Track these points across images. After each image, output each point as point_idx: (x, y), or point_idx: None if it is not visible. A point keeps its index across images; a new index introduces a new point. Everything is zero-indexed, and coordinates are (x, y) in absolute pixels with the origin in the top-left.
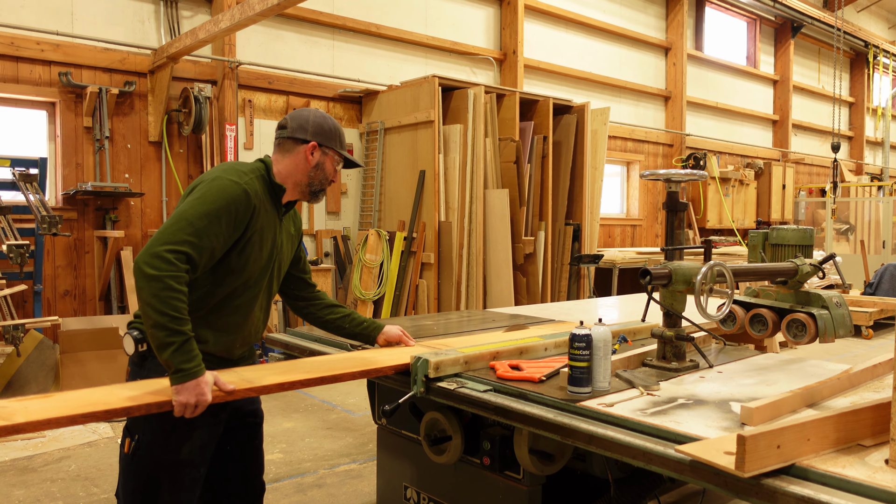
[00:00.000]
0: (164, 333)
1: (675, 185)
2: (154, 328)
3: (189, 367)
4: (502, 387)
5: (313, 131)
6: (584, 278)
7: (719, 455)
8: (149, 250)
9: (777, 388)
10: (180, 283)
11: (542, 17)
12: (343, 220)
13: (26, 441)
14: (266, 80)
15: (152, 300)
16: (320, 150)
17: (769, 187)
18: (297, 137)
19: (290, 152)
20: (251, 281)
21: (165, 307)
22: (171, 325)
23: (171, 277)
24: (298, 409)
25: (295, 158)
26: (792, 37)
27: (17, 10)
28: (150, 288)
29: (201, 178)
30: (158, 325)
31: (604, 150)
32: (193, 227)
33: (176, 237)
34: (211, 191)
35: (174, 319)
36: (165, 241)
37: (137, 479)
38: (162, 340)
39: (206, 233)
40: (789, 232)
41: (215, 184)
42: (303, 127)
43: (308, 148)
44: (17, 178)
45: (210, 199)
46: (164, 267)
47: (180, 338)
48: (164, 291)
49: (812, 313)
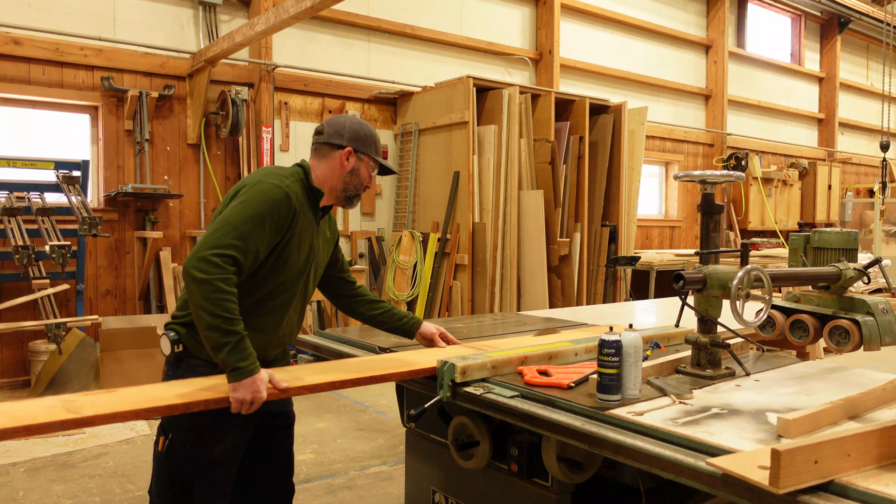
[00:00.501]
0: (218, 335)
1: (710, 186)
2: (208, 330)
3: (244, 365)
4: (529, 393)
5: (349, 137)
6: (620, 281)
7: (753, 469)
8: (196, 255)
9: (817, 399)
10: (229, 284)
11: (579, 16)
12: (378, 221)
13: (67, 437)
14: (302, 83)
15: (204, 303)
16: (356, 155)
17: (814, 188)
18: (334, 143)
19: (326, 157)
20: (288, 283)
21: (217, 309)
22: (225, 326)
23: (221, 280)
24: (331, 410)
25: (331, 164)
26: (839, 33)
27: (61, 17)
28: (201, 292)
29: (243, 183)
30: (212, 326)
31: (641, 150)
32: (239, 232)
33: (222, 241)
34: (254, 195)
35: (227, 320)
36: (212, 246)
37: (171, 477)
38: (217, 341)
39: (251, 236)
40: (832, 235)
41: (258, 188)
42: (339, 133)
43: (344, 153)
44: (61, 181)
45: (254, 204)
46: (212, 270)
47: (234, 338)
48: (214, 294)
49: (856, 320)
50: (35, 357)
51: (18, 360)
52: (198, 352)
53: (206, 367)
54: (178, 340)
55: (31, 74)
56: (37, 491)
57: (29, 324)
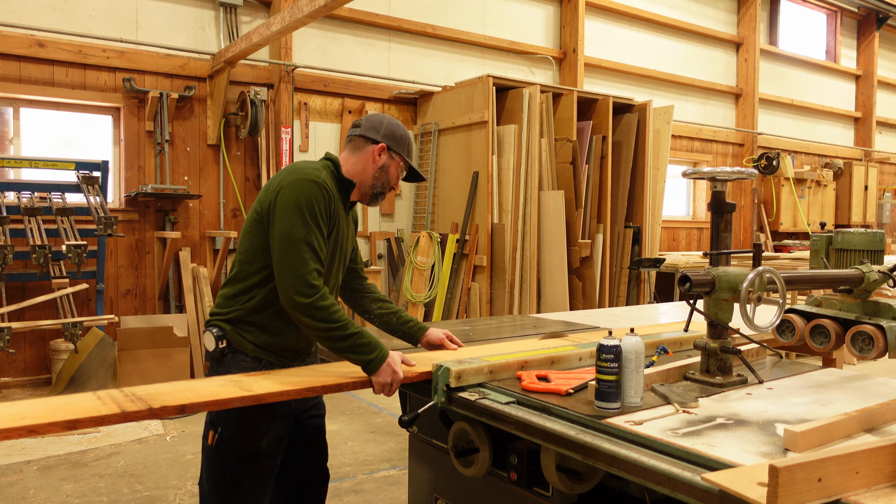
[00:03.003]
0: (338, 344)
1: (720, 184)
2: (329, 346)
3: (374, 355)
4: (526, 399)
5: (385, 133)
6: (644, 283)
7: (751, 486)
8: (289, 289)
9: (833, 409)
10: (325, 299)
11: (604, 14)
12: (397, 222)
13: (81, 436)
14: (322, 83)
15: (315, 324)
16: (388, 153)
17: (849, 188)
18: (369, 137)
19: (360, 150)
20: (325, 276)
21: (326, 324)
22: (338, 334)
23: (318, 298)
24: (345, 412)
25: (363, 157)
26: (877, 29)
27: (85, 20)
28: (307, 315)
29: (279, 184)
30: (329, 340)
31: (667, 149)
32: (306, 243)
33: (298, 261)
34: (299, 197)
35: (337, 328)
36: (295, 269)
37: (221, 469)
38: (343, 350)
39: (315, 240)
40: (856, 235)
41: (298, 189)
42: (375, 128)
43: (377, 149)
44: (80, 181)
45: (303, 206)
46: (309, 291)
47: (350, 340)
48: (319, 312)
49: (881, 325)
50: (56, 355)
51: (40, 359)
52: (242, 347)
53: (250, 362)
54: (223, 336)
55: (54, 76)
56: (47, 489)
57: (45, 322)
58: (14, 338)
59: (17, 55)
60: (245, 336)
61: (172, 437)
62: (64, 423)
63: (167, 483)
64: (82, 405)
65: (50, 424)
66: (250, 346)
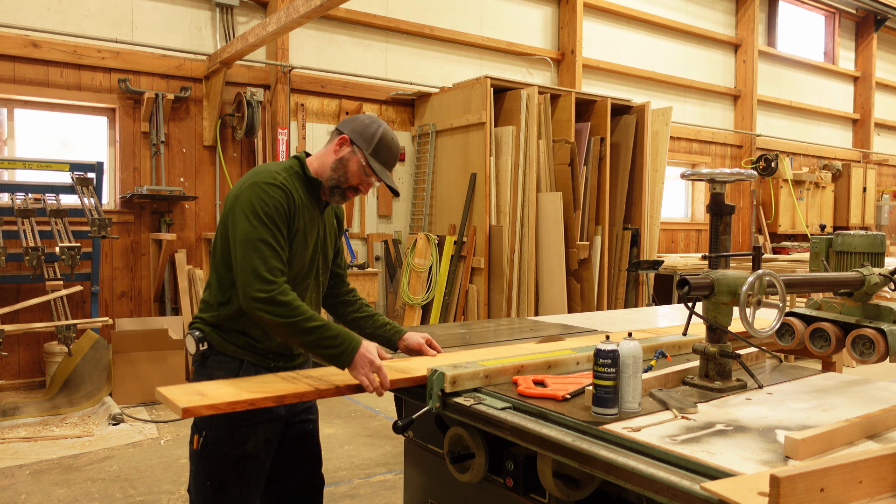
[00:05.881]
0: (304, 338)
1: (719, 185)
2: (295, 341)
3: (344, 347)
4: (522, 404)
5: (353, 128)
6: (642, 285)
7: (751, 496)
8: (247, 284)
9: (834, 415)
10: (286, 294)
11: (603, 16)
12: (394, 223)
13: (75, 440)
14: (319, 84)
15: (276, 319)
16: (351, 146)
17: (848, 190)
18: (339, 129)
19: (328, 144)
20: (299, 277)
21: (288, 319)
22: (303, 326)
23: (278, 293)
24: (341, 415)
25: (326, 149)
26: (875, 30)
27: (80, 20)
28: (270, 313)
29: (239, 190)
30: (294, 334)
31: (665, 151)
32: (264, 242)
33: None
34: (254, 200)
35: (301, 321)
36: (254, 268)
37: (207, 473)
38: (311, 345)
39: (274, 239)
40: (856, 238)
41: (254, 191)
42: (349, 122)
43: (339, 139)
44: (75, 182)
45: (258, 209)
46: (267, 287)
47: (317, 333)
48: (280, 309)
49: (882, 329)
50: (50, 358)
51: (34, 361)
52: (223, 348)
53: (232, 363)
54: (203, 339)
55: (49, 77)
56: (38, 494)
57: (38, 325)
58: (7, 340)
59: (11, 56)
60: (226, 338)
61: (167, 440)
62: (274, 397)
63: (160, 487)
64: (278, 385)
65: (264, 398)
66: (231, 348)
